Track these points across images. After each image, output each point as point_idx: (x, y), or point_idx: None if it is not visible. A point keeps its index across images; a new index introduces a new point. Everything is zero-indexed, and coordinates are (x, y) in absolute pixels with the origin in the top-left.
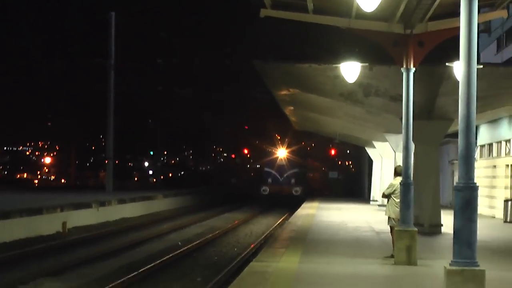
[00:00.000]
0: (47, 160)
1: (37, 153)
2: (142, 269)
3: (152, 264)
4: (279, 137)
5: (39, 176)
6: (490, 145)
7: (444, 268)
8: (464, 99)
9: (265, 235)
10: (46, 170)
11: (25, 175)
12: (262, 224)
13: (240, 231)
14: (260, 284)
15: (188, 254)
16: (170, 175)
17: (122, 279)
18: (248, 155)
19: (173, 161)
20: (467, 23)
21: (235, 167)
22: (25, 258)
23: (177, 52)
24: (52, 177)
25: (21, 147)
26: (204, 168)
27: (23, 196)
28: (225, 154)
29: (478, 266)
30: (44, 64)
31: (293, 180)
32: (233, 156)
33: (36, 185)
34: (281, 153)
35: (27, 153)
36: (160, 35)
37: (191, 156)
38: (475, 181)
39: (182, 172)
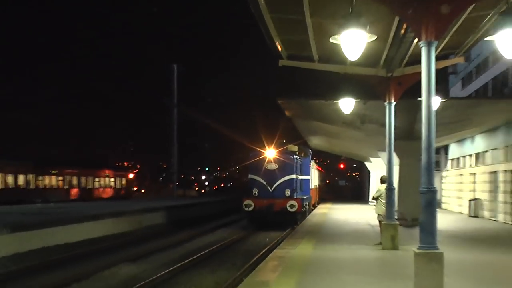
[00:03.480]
0: (130, 175)
1: (101, 173)
2: (194, 257)
3: (202, 253)
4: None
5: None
6: (458, 158)
7: (413, 251)
8: (426, 125)
9: (289, 229)
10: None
11: None
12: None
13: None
14: (280, 266)
15: (232, 244)
16: (222, 185)
17: (180, 264)
18: None
19: (224, 175)
20: (427, 68)
21: None
22: (111, 249)
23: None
24: (135, 188)
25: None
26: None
27: (111, 203)
28: None
29: (438, 249)
30: (125, 102)
31: (287, 191)
32: None
33: (123, 194)
34: (271, 154)
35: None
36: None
37: (237, 171)
38: (434, 185)
39: (231, 183)
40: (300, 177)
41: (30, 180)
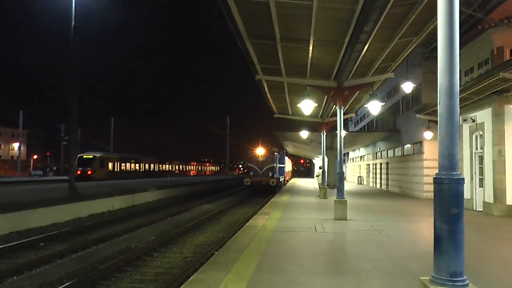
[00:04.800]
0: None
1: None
2: (236, 202)
3: (237, 201)
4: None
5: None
6: (353, 158)
7: (334, 199)
8: (339, 143)
9: (272, 194)
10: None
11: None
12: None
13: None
14: (275, 206)
15: (250, 198)
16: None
17: (231, 204)
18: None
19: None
20: (339, 118)
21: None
22: (198, 197)
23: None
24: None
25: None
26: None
27: (207, 177)
28: None
29: (344, 198)
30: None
31: (270, 173)
32: None
33: (216, 173)
34: (261, 151)
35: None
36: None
37: None
38: (343, 170)
39: None
40: (278, 165)
41: (183, 167)
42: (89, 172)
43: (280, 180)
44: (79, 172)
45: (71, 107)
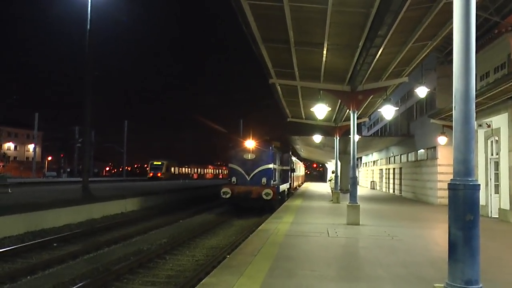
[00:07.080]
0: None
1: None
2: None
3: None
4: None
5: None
6: (366, 163)
7: (347, 204)
8: (352, 147)
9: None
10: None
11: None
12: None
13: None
14: (287, 210)
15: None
16: None
17: (244, 208)
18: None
19: None
20: (352, 122)
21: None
22: (207, 200)
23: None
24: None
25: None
26: None
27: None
28: None
29: (357, 203)
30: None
31: (264, 179)
32: None
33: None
34: (250, 144)
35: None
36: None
37: None
38: (356, 175)
39: None
40: (278, 167)
41: (217, 171)
42: (159, 174)
43: (282, 189)
44: (151, 174)
45: (85, 109)
